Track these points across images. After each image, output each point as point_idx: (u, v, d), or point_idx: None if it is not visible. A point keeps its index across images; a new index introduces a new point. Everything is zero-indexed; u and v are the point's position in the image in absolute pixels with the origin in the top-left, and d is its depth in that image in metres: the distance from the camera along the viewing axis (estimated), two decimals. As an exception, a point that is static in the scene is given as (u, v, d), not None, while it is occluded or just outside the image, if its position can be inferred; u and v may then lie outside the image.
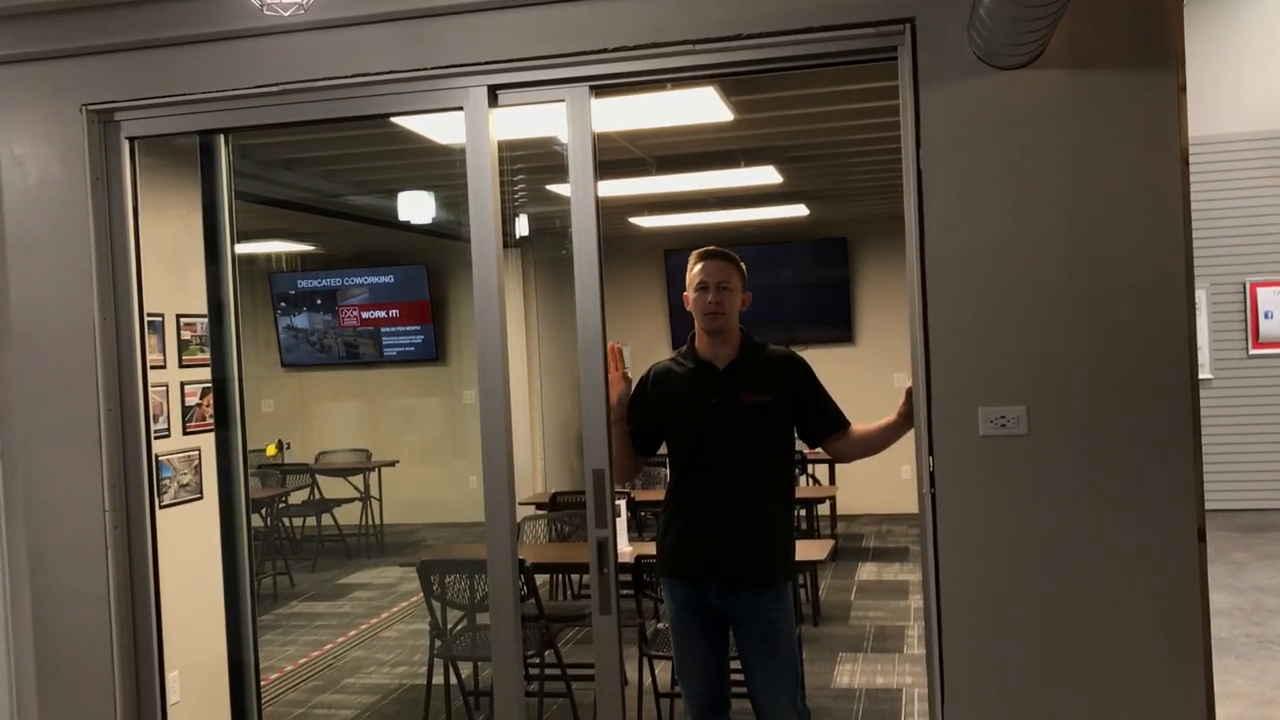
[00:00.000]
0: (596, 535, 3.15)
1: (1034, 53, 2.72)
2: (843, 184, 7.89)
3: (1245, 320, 9.12)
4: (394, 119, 4.32)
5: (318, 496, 9.30)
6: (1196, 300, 2.82)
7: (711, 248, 3.42)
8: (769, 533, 3.32)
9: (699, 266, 3.37)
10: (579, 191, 3.17)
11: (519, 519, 5.45)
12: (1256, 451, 9.00)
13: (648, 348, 10.57)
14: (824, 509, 8.30)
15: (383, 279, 10.35)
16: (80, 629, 3.46)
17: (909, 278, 2.95)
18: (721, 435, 3.30)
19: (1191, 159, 2.78)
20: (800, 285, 10.11)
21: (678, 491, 3.40)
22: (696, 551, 3.34)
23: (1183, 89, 2.74)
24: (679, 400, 3.39)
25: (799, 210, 8.85)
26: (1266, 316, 9.06)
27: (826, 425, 3.40)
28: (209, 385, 4.76)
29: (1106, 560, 2.81)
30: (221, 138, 4.00)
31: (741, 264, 3.41)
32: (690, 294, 3.38)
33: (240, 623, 4.09)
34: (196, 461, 4.60)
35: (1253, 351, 9.10)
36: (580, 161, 3.16)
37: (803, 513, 7.51)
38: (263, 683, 5.73)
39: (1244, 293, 9.11)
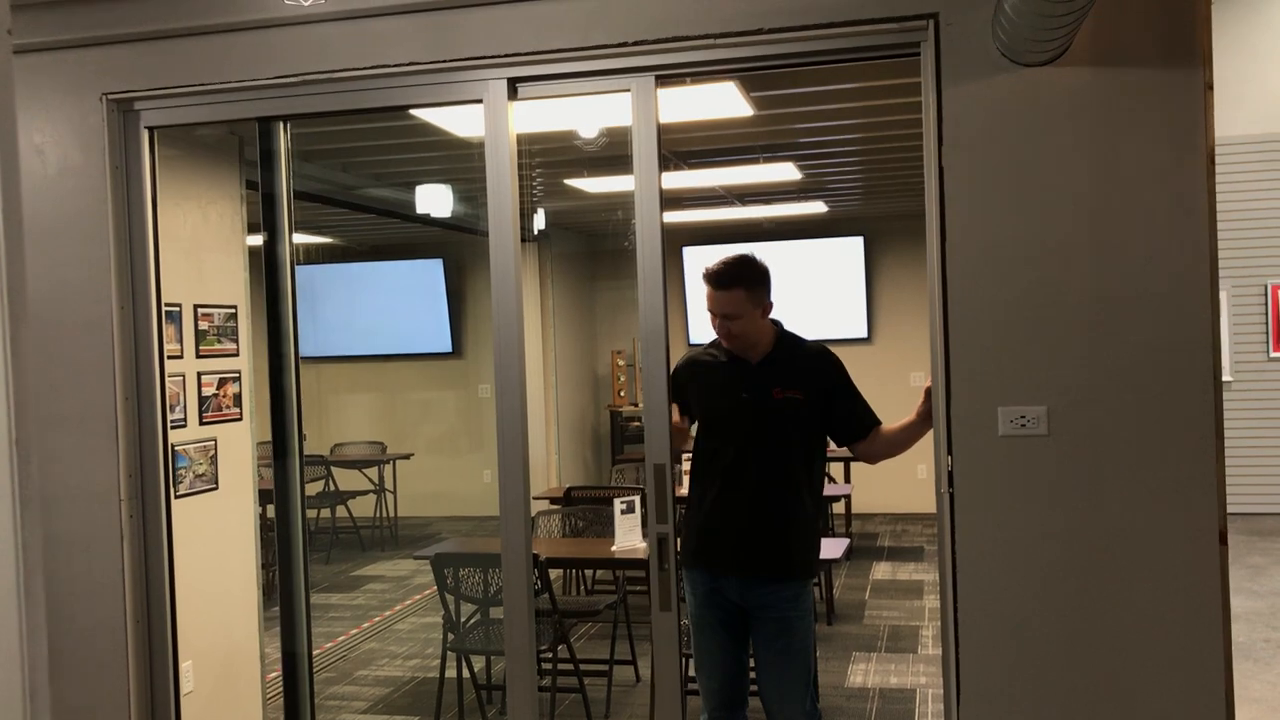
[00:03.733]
0: (657, 531, 3.12)
1: (1059, 49, 2.69)
2: (862, 181, 7.86)
3: (1266, 323, 9.05)
4: (413, 111, 4.32)
5: (333, 488, 9.32)
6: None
7: (717, 270, 3.26)
8: (791, 528, 3.30)
9: (707, 292, 3.29)
10: (643, 184, 3.12)
11: (533, 513, 5.45)
12: (1276, 455, 8.93)
13: (664, 343, 10.56)
14: (839, 507, 8.28)
15: (400, 272, 10.36)
16: (94, 618, 3.46)
17: (929, 276, 2.93)
18: (750, 429, 3.28)
19: (1216, 158, 2.75)
20: (817, 282, 10.07)
21: (702, 482, 3.39)
22: (717, 541, 3.34)
23: (1209, 87, 2.70)
24: (709, 392, 3.39)
25: (817, 207, 8.82)
26: (1288, 319, 8.99)
27: (857, 426, 3.36)
28: (226, 375, 4.77)
29: (1126, 562, 2.78)
30: (281, 126, 3.81)
31: (751, 280, 3.26)
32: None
33: (294, 614, 3.98)
34: (212, 451, 4.61)
35: (1273, 354, 9.03)
36: (645, 151, 3.11)
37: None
38: (276, 673, 5.75)
39: (1265, 295, 9.04)
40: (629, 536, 5.13)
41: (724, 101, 4.80)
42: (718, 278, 3.27)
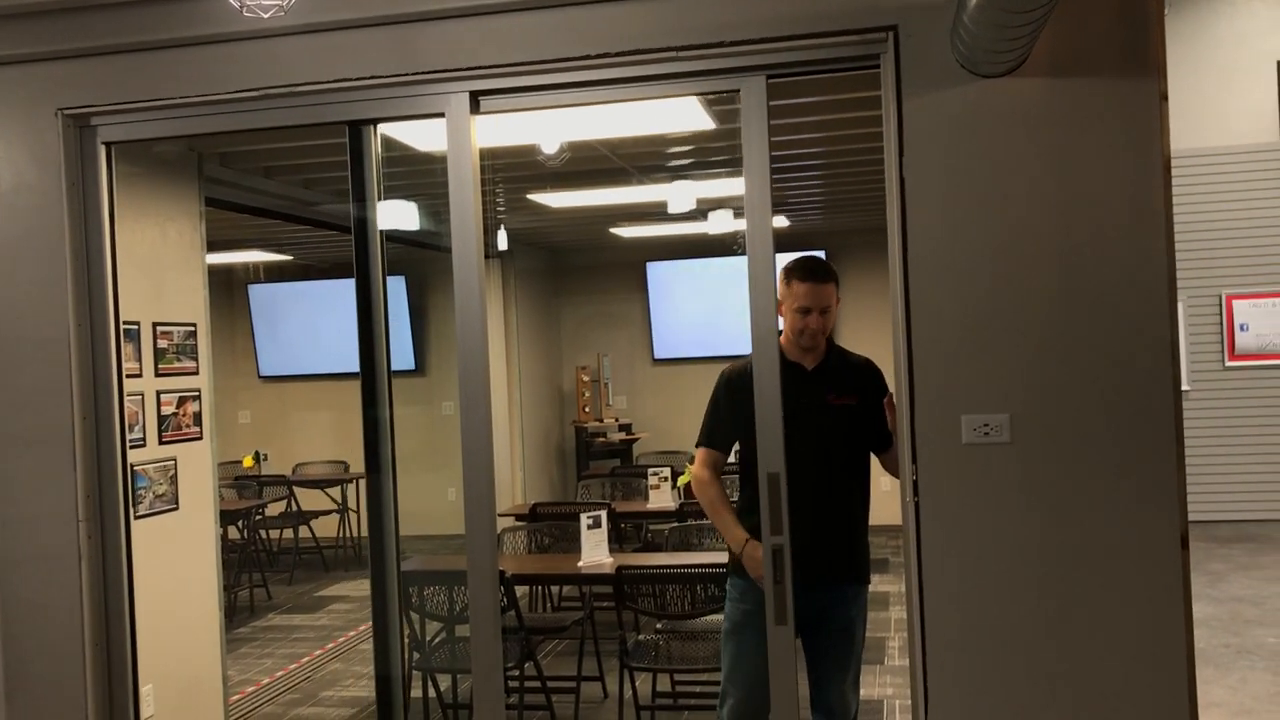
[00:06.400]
0: (772, 542, 3.04)
1: (1017, 60, 2.72)
2: (823, 195, 7.90)
3: (1222, 333, 9.18)
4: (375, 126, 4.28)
5: (295, 508, 9.23)
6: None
7: (811, 264, 3.38)
8: (854, 532, 3.38)
9: (803, 288, 3.35)
10: (753, 188, 3.04)
11: (499, 530, 5.42)
12: (1233, 463, 9.06)
13: (629, 356, 10.57)
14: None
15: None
16: (52, 641, 3.40)
17: (891, 286, 2.94)
18: (806, 435, 3.29)
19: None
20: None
21: (755, 489, 3.33)
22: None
23: (1164, 97, 2.74)
24: None
25: (779, 221, 8.86)
26: (1242, 329, 9.13)
27: (889, 436, 3.37)
28: (186, 394, 4.72)
29: (1090, 568, 2.80)
30: (371, 128, 3.60)
31: (837, 276, 3.43)
32: (787, 309, 3.38)
33: (388, 636, 3.84)
34: (172, 471, 4.56)
35: (1229, 363, 9.17)
36: (756, 155, 3.03)
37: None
38: (238, 696, 5.68)
39: (1220, 305, 9.17)
40: (595, 552, 5.11)
41: (686, 115, 4.82)
42: (820, 271, 3.36)
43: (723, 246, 9.66)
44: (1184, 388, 8.95)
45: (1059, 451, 2.82)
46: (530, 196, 7.08)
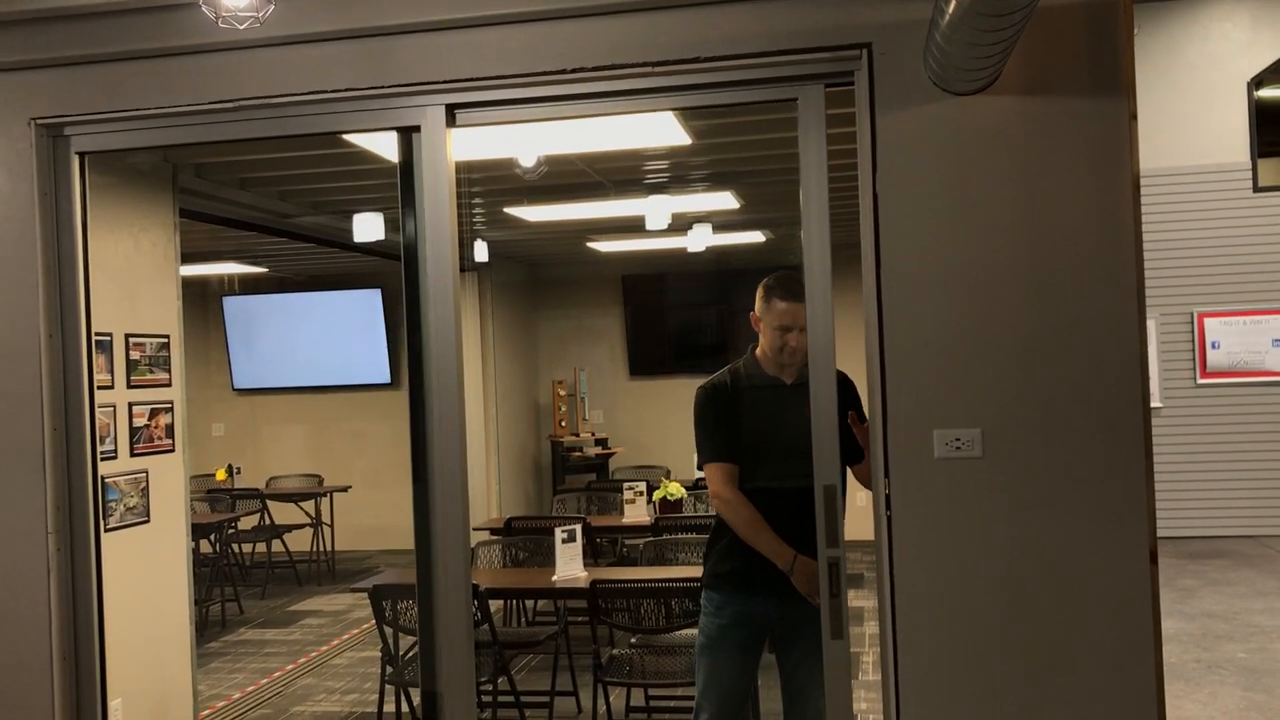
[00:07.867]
0: (828, 555, 3.03)
1: (989, 78, 2.75)
2: (800, 211, 7.93)
3: (1193, 350, 9.27)
4: (352, 138, 4.28)
5: (268, 522, 9.17)
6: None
7: (792, 282, 3.35)
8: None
9: (784, 307, 3.36)
10: (811, 197, 3.07)
11: (473, 544, 5.39)
12: (1204, 479, 9.14)
13: (606, 371, 10.57)
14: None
15: (337, 302, 10.27)
16: (19, 656, 3.36)
17: (865, 302, 2.96)
18: (786, 449, 3.31)
19: (1142, 190, 2.82)
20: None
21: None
22: (757, 563, 3.34)
23: (1134, 116, 2.77)
24: (744, 414, 3.42)
25: (755, 237, 8.89)
26: (1214, 347, 9.23)
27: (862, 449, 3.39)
28: (158, 406, 4.69)
29: (1060, 582, 2.82)
30: (414, 136, 3.38)
31: None
32: (767, 326, 3.42)
33: (434, 653, 3.68)
34: (144, 484, 4.52)
35: (1200, 381, 9.26)
36: (814, 164, 3.00)
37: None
38: (209, 711, 5.63)
39: (1192, 323, 9.27)
40: (570, 566, 5.10)
41: (662, 130, 4.84)
42: (801, 289, 3.30)
43: (699, 262, 9.69)
44: (1156, 405, 9.06)
45: (1030, 466, 2.83)
46: (507, 210, 7.08)
